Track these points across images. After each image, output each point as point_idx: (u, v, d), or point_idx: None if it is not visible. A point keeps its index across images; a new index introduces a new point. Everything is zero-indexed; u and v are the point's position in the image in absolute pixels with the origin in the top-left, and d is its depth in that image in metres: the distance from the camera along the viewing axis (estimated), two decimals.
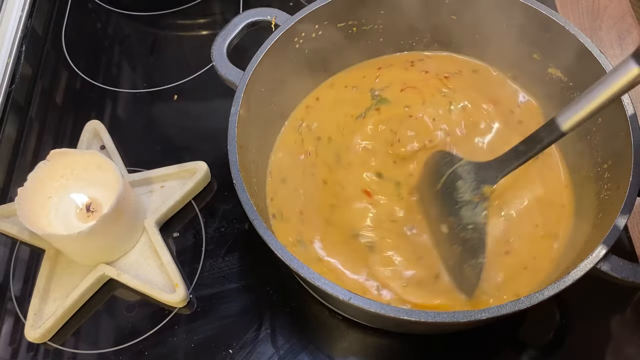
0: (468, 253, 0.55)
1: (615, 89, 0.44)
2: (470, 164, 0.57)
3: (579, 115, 0.47)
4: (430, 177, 0.59)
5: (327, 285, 0.48)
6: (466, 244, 0.55)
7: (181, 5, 0.86)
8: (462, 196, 0.55)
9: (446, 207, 0.57)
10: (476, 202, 0.55)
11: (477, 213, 0.55)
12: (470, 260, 0.55)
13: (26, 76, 0.80)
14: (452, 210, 0.56)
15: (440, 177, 0.57)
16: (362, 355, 0.61)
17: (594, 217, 0.57)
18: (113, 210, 0.58)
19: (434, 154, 0.60)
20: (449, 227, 0.56)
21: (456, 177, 0.56)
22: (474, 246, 0.55)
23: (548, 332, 0.60)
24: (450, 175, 0.57)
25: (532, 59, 0.65)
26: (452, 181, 0.56)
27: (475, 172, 0.56)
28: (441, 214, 0.57)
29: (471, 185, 0.55)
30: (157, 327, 0.62)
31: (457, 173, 0.56)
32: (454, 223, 0.56)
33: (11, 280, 0.65)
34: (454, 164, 0.57)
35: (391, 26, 0.68)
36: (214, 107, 0.76)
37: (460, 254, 0.55)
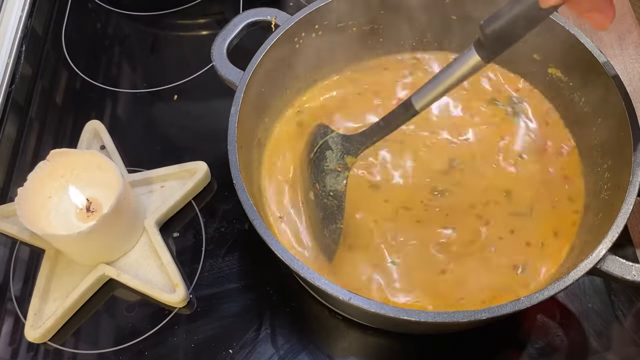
0: (328, 219, 0.58)
1: (459, 75, 0.49)
2: (339, 136, 0.61)
3: (429, 97, 0.51)
4: (307, 146, 0.62)
5: (327, 285, 0.48)
6: (327, 210, 0.59)
7: (181, 5, 0.86)
8: (329, 165, 0.60)
9: (314, 174, 0.60)
10: (339, 170, 0.59)
11: (338, 181, 0.59)
12: (330, 226, 0.58)
13: (26, 76, 0.80)
14: (319, 177, 0.60)
15: (314, 147, 0.61)
16: (362, 355, 0.61)
17: (594, 217, 0.57)
18: (113, 210, 0.58)
19: (316, 126, 0.63)
20: (314, 194, 0.60)
21: (326, 147, 0.60)
22: (334, 212, 0.58)
23: (548, 332, 0.60)
24: (322, 145, 0.61)
25: (532, 59, 0.65)
26: (322, 151, 0.60)
27: (342, 143, 0.60)
28: (310, 181, 0.61)
29: (337, 155, 0.60)
30: (157, 327, 0.62)
31: (328, 143, 0.60)
32: (319, 190, 0.59)
33: (11, 280, 0.65)
34: (326, 135, 0.61)
35: (391, 26, 0.68)
36: (214, 107, 0.76)
37: (322, 219, 0.59)
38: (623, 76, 0.60)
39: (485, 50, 0.46)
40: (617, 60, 0.75)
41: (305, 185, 0.62)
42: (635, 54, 0.76)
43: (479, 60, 0.47)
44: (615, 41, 0.78)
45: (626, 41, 0.78)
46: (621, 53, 0.76)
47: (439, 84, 0.50)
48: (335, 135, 0.61)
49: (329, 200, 0.59)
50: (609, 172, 0.57)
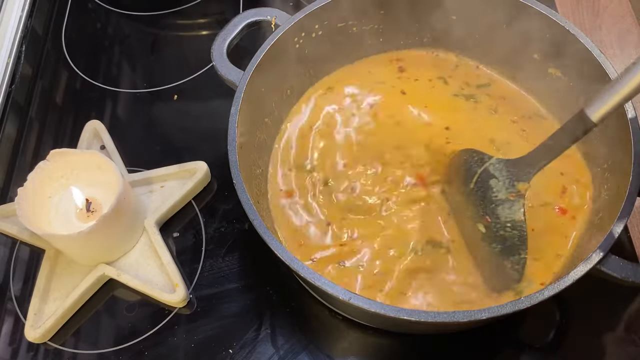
0: (508, 250, 0.55)
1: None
2: (502, 161, 0.56)
3: (609, 106, 0.46)
4: (459, 176, 0.59)
5: (327, 285, 0.48)
6: (506, 242, 0.55)
7: (181, 5, 0.86)
8: (497, 195, 0.56)
9: (481, 206, 0.57)
10: (512, 200, 0.55)
11: (514, 211, 0.55)
12: (510, 257, 0.55)
13: (26, 76, 0.80)
14: (488, 209, 0.56)
15: (472, 176, 0.57)
16: (362, 355, 0.61)
17: (594, 217, 0.57)
18: (113, 210, 0.58)
19: (461, 152, 0.60)
20: (486, 227, 0.56)
21: (488, 176, 0.56)
22: (515, 243, 0.55)
23: (548, 332, 0.60)
24: (482, 174, 0.57)
25: (532, 59, 0.65)
26: (484, 180, 0.56)
27: (507, 169, 0.56)
28: (476, 213, 0.57)
29: (505, 183, 0.55)
30: (157, 327, 0.62)
31: (489, 171, 0.56)
32: (492, 222, 0.56)
33: (11, 280, 0.65)
34: (484, 162, 0.57)
35: (391, 26, 0.68)
36: (214, 107, 0.76)
37: (500, 252, 0.56)
38: None
39: None
40: (617, 60, 0.75)
41: (470, 218, 0.58)
42: (635, 54, 0.76)
43: None
44: (615, 41, 0.78)
45: (626, 41, 0.78)
46: (621, 53, 0.76)
47: (621, 88, 0.45)
48: (496, 162, 0.57)
49: (506, 232, 0.55)
50: (609, 172, 0.57)
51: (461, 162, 0.59)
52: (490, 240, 0.56)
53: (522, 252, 0.54)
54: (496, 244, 0.56)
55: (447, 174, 0.61)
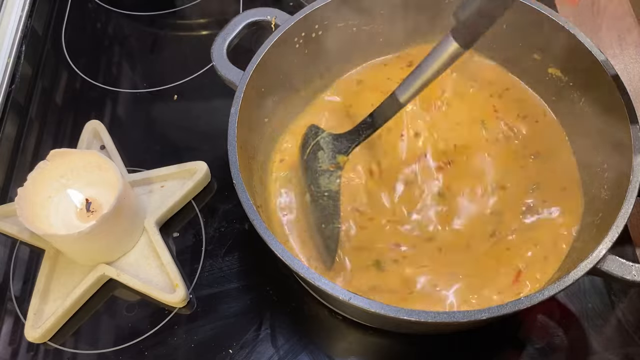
0: (326, 219, 0.58)
1: (440, 64, 0.49)
2: (330, 135, 0.61)
3: (413, 89, 0.52)
4: (300, 148, 0.63)
5: (327, 285, 0.48)
6: (324, 211, 0.59)
7: (181, 5, 0.86)
8: (321, 165, 0.60)
9: (309, 176, 0.61)
10: (332, 170, 0.60)
11: (332, 181, 0.60)
12: (327, 226, 0.58)
13: (26, 76, 0.80)
14: (313, 178, 0.60)
15: (307, 148, 0.62)
16: (362, 355, 0.61)
17: (594, 217, 0.57)
18: (113, 210, 0.58)
19: (308, 127, 0.63)
20: (310, 196, 0.60)
21: (318, 148, 0.61)
22: (331, 212, 0.59)
23: (548, 332, 0.60)
24: (314, 146, 0.61)
25: (532, 59, 0.65)
26: (314, 152, 0.61)
27: (333, 143, 0.61)
28: (305, 183, 0.61)
29: (329, 155, 0.61)
30: (157, 327, 0.62)
31: (319, 144, 0.61)
32: (314, 191, 0.60)
33: (11, 280, 0.65)
34: (318, 136, 0.61)
35: (391, 26, 0.68)
36: (214, 107, 0.76)
37: (319, 220, 0.59)
38: (623, 76, 0.60)
39: (463, 37, 0.47)
40: (617, 60, 0.75)
41: (301, 188, 0.62)
42: (635, 54, 0.76)
43: (458, 48, 0.48)
44: (615, 41, 0.78)
45: (626, 41, 0.78)
46: (621, 53, 0.76)
47: (421, 75, 0.51)
48: (326, 135, 0.61)
49: (324, 200, 0.59)
50: (609, 172, 0.57)
51: (304, 136, 0.63)
52: (313, 209, 0.60)
53: (336, 222, 0.58)
54: (317, 211, 0.59)
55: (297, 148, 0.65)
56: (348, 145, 0.60)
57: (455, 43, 0.47)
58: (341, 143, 0.61)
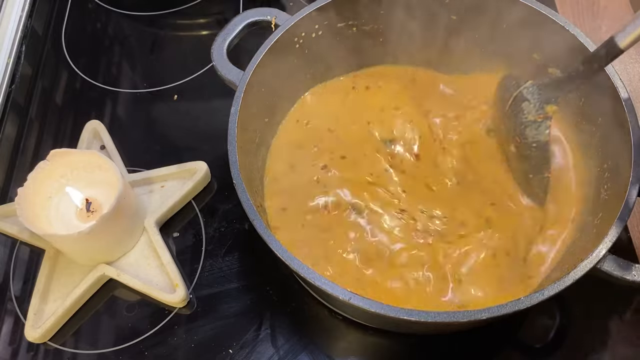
0: (534, 169, 0.59)
1: None
2: (534, 85, 0.59)
3: (636, 33, 0.49)
4: (499, 101, 0.62)
5: (327, 285, 0.48)
6: (531, 162, 0.59)
7: (181, 5, 0.86)
8: (527, 116, 0.59)
9: (513, 127, 0.60)
10: (539, 121, 0.59)
11: (540, 132, 0.58)
12: (536, 176, 0.59)
13: (26, 76, 0.80)
14: (519, 130, 0.59)
15: (507, 100, 0.61)
16: (362, 355, 0.61)
17: (594, 217, 0.57)
18: (113, 210, 0.58)
19: (502, 79, 0.62)
20: (516, 147, 0.60)
21: (522, 99, 0.60)
22: (539, 163, 0.59)
23: (548, 332, 0.60)
24: (517, 97, 0.60)
25: (532, 59, 0.65)
26: (517, 103, 0.60)
27: (538, 92, 0.59)
28: (509, 134, 0.60)
29: (535, 105, 0.59)
30: (157, 327, 0.62)
31: (523, 95, 0.60)
32: (520, 142, 0.59)
33: (11, 280, 0.65)
34: (519, 87, 0.60)
35: (391, 26, 0.68)
36: (214, 107, 0.76)
37: (527, 170, 0.59)
38: (623, 76, 0.60)
39: None
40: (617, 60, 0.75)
41: (505, 140, 0.62)
42: (635, 54, 0.76)
43: None
44: None
45: None
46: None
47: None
48: (530, 85, 0.60)
49: (532, 151, 0.59)
50: (609, 172, 0.57)
51: (501, 88, 0.62)
52: (519, 160, 0.59)
53: (546, 172, 0.58)
54: (524, 163, 0.59)
55: (493, 102, 0.64)
56: (557, 94, 0.58)
57: None
58: (548, 92, 0.58)
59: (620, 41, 0.50)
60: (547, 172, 0.59)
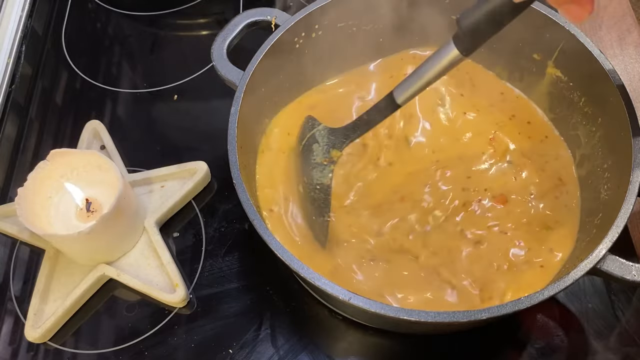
0: (317, 211, 0.59)
1: (439, 69, 0.49)
2: (326, 129, 0.62)
3: (410, 92, 0.52)
4: (297, 139, 0.64)
5: (327, 285, 0.48)
6: (314, 203, 0.60)
7: (181, 5, 0.86)
8: (315, 158, 0.61)
9: (303, 168, 0.61)
10: (325, 164, 0.60)
11: (324, 175, 0.60)
12: (319, 218, 0.59)
13: (26, 76, 0.80)
14: (306, 171, 0.61)
15: (302, 140, 0.62)
16: (362, 355, 0.61)
17: (594, 217, 0.57)
18: (113, 210, 0.58)
19: (305, 118, 0.64)
20: (303, 187, 0.61)
21: (313, 140, 0.61)
22: (321, 206, 0.60)
23: (548, 332, 0.60)
24: (310, 138, 0.62)
25: (532, 59, 0.65)
26: (310, 144, 0.61)
27: (328, 136, 0.61)
28: (298, 174, 0.62)
29: (323, 148, 0.61)
30: (157, 327, 0.62)
31: (315, 137, 0.62)
32: (307, 183, 0.60)
33: (11, 280, 0.65)
34: (314, 128, 0.62)
35: (391, 26, 0.68)
36: (214, 107, 0.76)
37: (311, 211, 0.60)
38: (623, 76, 0.60)
39: (464, 44, 0.46)
40: (617, 60, 0.75)
41: (296, 178, 0.62)
42: (635, 54, 0.76)
43: (458, 54, 0.47)
44: (615, 41, 0.78)
45: (626, 41, 0.78)
46: (621, 53, 0.76)
47: (420, 78, 0.50)
48: (322, 128, 0.62)
49: (315, 193, 0.60)
50: (609, 172, 0.57)
51: (301, 126, 0.64)
52: (305, 200, 0.60)
53: (326, 215, 0.59)
54: (309, 203, 0.60)
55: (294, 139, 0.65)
56: (342, 141, 0.60)
57: (456, 50, 0.47)
58: (336, 138, 0.61)
59: (397, 98, 0.52)
60: (327, 216, 0.59)
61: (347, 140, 0.60)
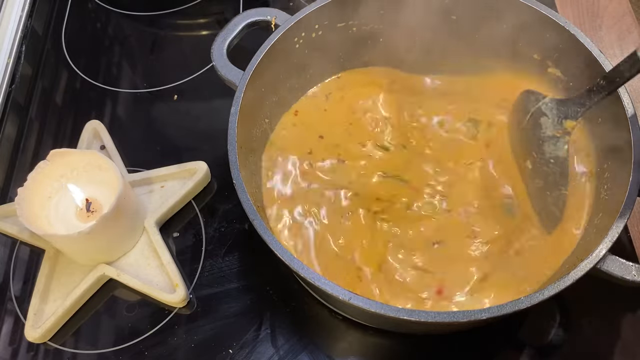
0: (550, 186, 0.58)
1: None
2: (553, 100, 0.59)
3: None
4: (517, 116, 0.61)
5: (327, 285, 0.48)
6: (548, 178, 0.58)
7: (181, 5, 0.86)
8: (545, 132, 0.58)
9: (530, 143, 0.59)
10: (558, 136, 0.58)
11: (558, 147, 0.57)
12: (552, 193, 0.57)
13: (26, 76, 0.80)
14: (535, 146, 0.59)
15: (525, 115, 0.60)
16: (362, 355, 0.61)
17: (594, 217, 0.57)
18: (113, 210, 0.58)
19: (522, 94, 0.62)
20: (532, 163, 0.59)
21: (540, 114, 0.59)
22: (556, 179, 0.57)
23: (548, 332, 0.60)
24: (535, 113, 0.59)
25: (532, 59, 0.65)
26: (536, 118, 0.59)
27: (557, 108, 0.58)
28: (525, 150, 0.60)
29: (554, 121, 0.58)
30: (157, 327, 0.62)
31: (541, 110, 0.59)
32: (537, 158, 0.58)
33: (11, 280, 0.65)
34: (538, 102, 0.59)
35: (391, 26, 0.68)
36: (214, 107, 0.76)
37: (543, 187, 0.58)
38: None
39: None
40: (617, 60, 0.75)
41: (521, 156, 0.61)
42: None
43: None
44: (615, 41, 0.78)
45: (626, 41, 0.78)
46: (621, 53, 0.76)
47: None
48: (549, 101, 0.59)
49: (549, 167, 0.58)
50: (609, 172, 0.57)
51: (519, 102, 0.61)
52: (535, 176, 0.58)
53: (563, 188, 0.57)
54: (539, 179, 0.58)
55: (510, 117, 0.63)
56: (577, 110, 0.56)
57: None
58: (568, 108, 0.57)
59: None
60: (565, 189, 0.57)
61: (582, 109, 0.56)
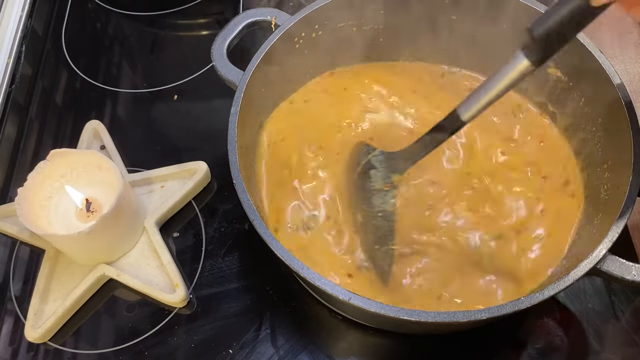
0: (379, 240, 0.57)
1: (508, 82, 0.46)
2: (383, 154, 0.59)
3: (477, 107, 0.48)
4: (349, 167, 0.61)
5: (327, 285, 0.48)
6: (377, 232, 0.57)
7: (181, 5, 0.86)
8: (374, 185, 0.58)
9: (360, 195, 0.59)
10: (386, 190, 0.57)
11: (386, 201, 0.57)
12: (381, 248, 0.57)
13: (26, 76, 0.80)
14: (365, 198, 0.58)
15: (357, 167, 0.60)
16: (362, 355, 0.61)
17: (594, 217, 0.57)
18: (113, 210, 0.58)
19: (356, 145, 0.62)
20: (362, 216, 0.58)
21: (370, 166, 0.59)
22: (385, 234, 0.57)
23: (548, 332, 0.60)
24: (365, 165, 0.59)
25: None
26: (366, 170, 0.59)
27: (386, 161, 0.58)
28: (356, 202, 0.59)
29: (383, 174, 0.58)
30: (157, 327, 0.62)
31: (371, 162, 0.59)
32: (366, 211, 0.58)
33: (11, 280, 0.65)
34: (369, 154, 0.59)
35: (391, 26, 0.68)
36: (214, 107, 0.76)
37: (373, 241, 0.57)
38: (623, 76, 0.60)
39: (535, 54, 0.43)
40: (617, 60, 0.75)
41: (352, 208, 0.60)
42: (635, 54, 0.76)
43: (529, 65, 0.44)
44: (615, 41, 0.78)
45: (626, 41, 0.78)
46: (621, 53, 0.76)
47: (486, 92, 0.47)
48: (379, 154, 0.59)
49: (377, 221, 0.57)
50: (609, 172, 0.57)
51: (353, 154, 0.62)
52: (365, 229, 0.58)
53: (390, 243, 0.56)
54: (370, 233, 0.57)
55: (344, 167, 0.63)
56: (404, 164, 0.57)
57: (526, 60, 0.44)
58: (396, 162, 0.57)
59: (462, 114, 0.49)
60: (392, 244, 0.56)
61: (409, 164, 0.56)
